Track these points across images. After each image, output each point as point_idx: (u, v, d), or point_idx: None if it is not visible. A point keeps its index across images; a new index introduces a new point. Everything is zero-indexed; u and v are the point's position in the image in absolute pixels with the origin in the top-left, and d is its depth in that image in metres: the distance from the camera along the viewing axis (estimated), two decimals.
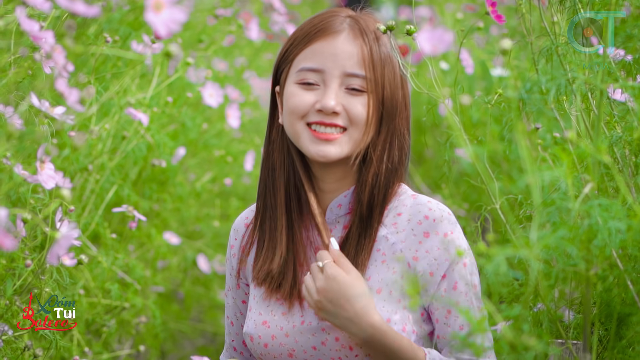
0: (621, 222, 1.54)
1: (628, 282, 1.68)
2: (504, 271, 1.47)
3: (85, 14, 1.50)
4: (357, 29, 1.93)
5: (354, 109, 1.91)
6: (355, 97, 1.91)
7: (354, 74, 1.91)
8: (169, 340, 4.13)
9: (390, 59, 1.93)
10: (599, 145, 1.52)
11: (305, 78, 1.93)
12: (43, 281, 2.10)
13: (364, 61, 1.91)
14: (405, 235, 1.92)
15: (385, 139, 1.95)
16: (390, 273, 1.91)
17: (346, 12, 1.98)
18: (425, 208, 1.92)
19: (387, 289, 1.91)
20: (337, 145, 1.91)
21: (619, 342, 1.72)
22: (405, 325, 1.89)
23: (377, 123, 1.93)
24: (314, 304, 1.86)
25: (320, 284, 1.85)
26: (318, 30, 1.95)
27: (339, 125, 1.91)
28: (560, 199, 1.59)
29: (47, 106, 1.82)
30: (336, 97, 1.90)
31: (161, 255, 3.40)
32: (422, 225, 1.91)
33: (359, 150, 1.93)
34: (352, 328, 1.84)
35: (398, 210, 1.95)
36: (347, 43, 1.92)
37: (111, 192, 3.01)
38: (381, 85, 1.91)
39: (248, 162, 3.68)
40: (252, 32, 3.58)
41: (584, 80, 1.63)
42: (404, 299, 1.90)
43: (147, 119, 2.84)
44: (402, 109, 1.97)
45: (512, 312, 1.56)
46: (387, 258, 1.92)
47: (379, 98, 1.92)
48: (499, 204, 1.86)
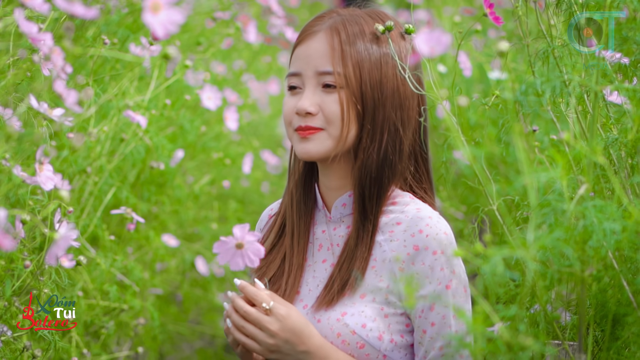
0: (616, 223, 1.55)
1: (623, 282, 1.69)
2: (501, 272, 1.48)
3: (84, 16, 1.51)
4: (333, 27, 1.93)
5: (327, 107, 1.91)
6: (330, 95, 1.91)
7: (325, 71, 1.91)
8: (168, 342, 4.13)
9: (371, 51, 1.92)
10: (594, 146, 1.53)
11: (290, 83, 1.96)
12: (42, 282, 2.11)
13: (333, 57, 1.91)
14: (397, 245, 1.91)
15: (369, 134, 1.92)
16: (377, 280, 1.91)
17: (335, 12, 1.98)
18: (423, 223, 1.90)
19: (372, 295, 1.90)
20: (317, 142, 1.92)
21: (614, 343, 1.73)
22: (382, 333, 1.88)
23: (357, 118, 1.92)
24: (267, 348, 1.86)
25: (274, 326, 1.85)
26: (300, 34, 1.98)
27: (314, 127, 1.92)
28: (556, 200, 1.59)
29: (45, 108, 1.83)
30: (310, 97, 1.92)
31: (159, 257, 3.41)
32: (414, 238, 1.89)
33: (343, 147, 1.93)
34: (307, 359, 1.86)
35: (398, 220, 1.93)
36: (320, 42, 1.93)
37: (109, 194, 3.02)
38: (356, 79, 1.90)
39: (246, 165, 3.69)
40: (250, 35, 3.59)
41: (579, 82, 1.64)
42: (387, 307, 1.89)
43: (145, 121, 2.85)
44: (394, 103, 1.93)
45: (509, 312, 1.57)
46: (377, 265, 1.92)
47: (355, 92, 1.90)
48: (496, 205, 1.87)
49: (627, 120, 1.73)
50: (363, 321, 1.88)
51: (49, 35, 1.70)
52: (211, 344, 4.50)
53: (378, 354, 1.88)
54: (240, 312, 1.87)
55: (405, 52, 1.94)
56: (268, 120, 5.36)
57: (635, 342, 1.64)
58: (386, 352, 1.88)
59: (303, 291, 1.99)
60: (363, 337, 1.87)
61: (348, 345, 1.88)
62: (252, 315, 1.86)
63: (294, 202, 2.04)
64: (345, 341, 1.88)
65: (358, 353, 1.87)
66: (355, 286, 1.91)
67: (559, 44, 1.89)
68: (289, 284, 1.99)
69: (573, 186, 1.77)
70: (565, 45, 1.88)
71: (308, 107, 1.91)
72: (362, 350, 1.87)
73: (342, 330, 1.88)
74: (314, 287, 1.97)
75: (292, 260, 2.01)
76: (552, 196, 1.61)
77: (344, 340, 1.88)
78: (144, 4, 1.44)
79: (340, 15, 1.96)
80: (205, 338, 4.51)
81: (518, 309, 1.58)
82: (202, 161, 3.94)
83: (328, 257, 1.99)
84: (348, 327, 1.88)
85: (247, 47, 4.43)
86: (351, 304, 1.90)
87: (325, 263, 1.99)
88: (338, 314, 1.90)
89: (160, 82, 3.14)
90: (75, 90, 1.65)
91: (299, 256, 2.01)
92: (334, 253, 1.98)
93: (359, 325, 1.88)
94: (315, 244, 2.02)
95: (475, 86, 3.81)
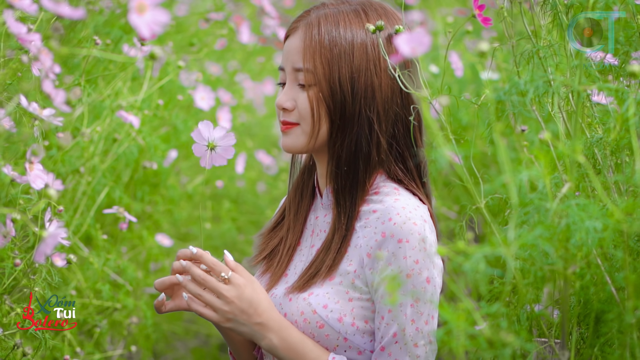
0: (598, 222, 1.57)
1: (607, 279, 1.71)
2: (483, 269, 1.50)
3: (71, 17, 1.53)
4: (310, 23, 1.95)
5: (301, 104, 1.95)
6: (304, 91, 1.95)
7: (298, 67, 1.95)
8: (162, 341, 4.15)
9: (343, 46, 1.94)
10: (576, 146, 1.55)
11: (280, 77, 2.01)
12: (33, 280, 2.13)
13: (304, 54, 1.93)
14: (369, 231, 1.93)
15: (339, 129, 1.95)
16: (347, 264, 1.93)
17: (322, 6, 1.99)
18: (395, 212, 1.91)
19: (339, 278, 1.93)
20: (293, 137, 1.97)
21: (597, 340, 1.75)
22: (343, 316, 1.90)
23: (327, 114, 1.95)
24: (223, 315, 1.88)
25: (232, 293, 1.87)
26: (287, 30, 2.02)
27: (290, 123, 1.97)
28: (539, 198, 1.61)
29: (35, 107, 1.85)
30: (288, 93, 1.96)
31: (153, 257, 3.43)
32: (384, 225, 1.90)
33: (316, 142, 1.97)
34: (262, 332, 1.89)
35: (375, 208, 1.95)
36: (296, 39, 1.96)
37: (103, 194, 3.04)
38: (325, 76, 1.93)
39: (239, 165, 3.71)
40: (243, 35, 3.61)
41: (562, 82, 1.65)
42: (353, 291, 1.92)
43: (138, 121, 2.87)
44: (367, 97, 1.95)
45: (490, 309, 1.58)
46: (349, 250, 1.95)
47: (324, 89, 1.93)
48: (483, 203, 1.88)
49: (611, 120, 1.74)
50: (325, 302, 1.91)
51: (37, 35, 1.72)
52: (206, 343, 4.52)
53: (338, 335, 1.91)
54: (198, 279, 1.87)
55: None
56: (263, 121, 5.38)
57: (617, 338, 1.66)
58: (347, 335, 1.91)
59: (290, 272, 2.03)
60: (323, 317, 1.90)
61: (309, 324, 1.91)
62: (210, 282, 1.87)
63: (298, 186, 2.10)
64: (306, 320, 1.91)
65: (318, 333, 1.91)
66: (327, 274, 1.94)
67: (544, 44, 1.91)
68: (279, 264, 2.04)
69: (558, 185, 1.79)
70: (550, 45, 1.90)
71: (284, 103, 1.96)
72: (321, 330, 1.90)
73: (305, 308, 1.91)
74: (299, 269, 2.01)
75: (286, 242, 2.07)
76: (535, 194, 1.63)
77: (306, 319, 1.91)
78: (130, 5, 1.46)
79: (325, 9, 1.97)
80: (200, 337, 4.52)
81: (500, 306, 1.60)
82: (196, 161, 3.95)
83: (316, 242, 2.03)
84: (310, 306, 1.91)
85: (242, 48, 4.45)
86: (319, 286, 1.93)
87: (313, 248, 2.02)
88: (306, 293, 1.93)
89: (154, 83, 3.16)
90: (64, 90, 1.67)
91: (293, 239, 2.06)
92: (321, 239, 2.02)
93: (320, 306, 1.91)
94: (309, 229, 2.06)
95: (468, 86, 3.83)
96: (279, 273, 2.03)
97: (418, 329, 1.88)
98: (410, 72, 1.97)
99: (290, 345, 1.91)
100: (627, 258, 1.64)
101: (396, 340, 1.89)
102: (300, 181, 2.11)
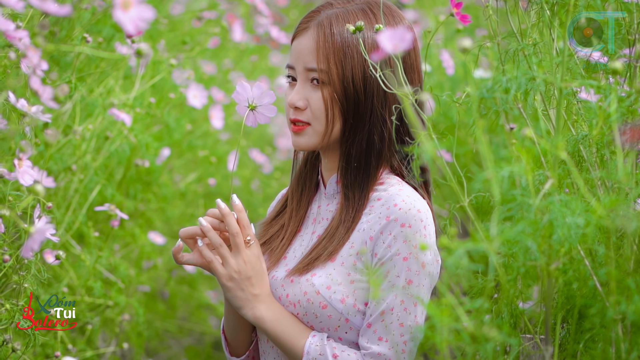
0: (580, 218, 1.58)
1: (592, 275, 1.72)
2: (465, 265, 1.51)
3: (57, 14, 1.54)
4: (321, 23, 1.99)
5: (314, 104, 1.99)
6: (317, 91, 1.99)
7: (311, 67, 1.99)
8: (155, 339, 4.15)
9: (356, 47, 1.98)
10: (557, 142, 1.56)
11: (289, 74, 2.05)
12: (21, 276, 2.13)
13: (318, 54, 1.98)
14: (373, 217, 1.97)
15: (352, 127, 2.00)
16: (349, 247, 1.98)
17: (329, 5, 2.04)
18: (399, 198, 1.96)
19: (341, 259, 1.97)
20: (306, 137, 2.02)
21: (581, 335, 1.76)
22: (345, 297, 1.95)
23: (341, 113, 1.99)
24: (229, 274, 1.97)
25: (248, 259, 1.97)
26: (296, 28, 2.06)
27: (301, 121, 2.01)
28: (521, 195, 1.62)
29: (23, 104, 1.86)
30: (300, 92, 2.00)
31: (146, 254, 3.44)
32: (389, 210, 1.95)
33: (329, 140, 2.01)
34: (254, 302, 1.98)
35: (380, 196, 2.00)
36: (308, 39, 2.00)
37: (95, 192, 3.05)
38: (339, 76, 1.98)
39: (230, 163, 3.72)
40: (236, 33, 3.62)
41: (544, 79, 1.66)
42: (354, 273, 1.96)
43: (130, 119, 2.88)
44: (380, 95, 2.00)
45: (473, 305, 1.59)
46: (353, 234, 1.99)
47: (338, 89, 1.98)
48: (467, 202, 1.89)
49: (594, 117, 1.75)
50: (329, 283, 1.96)
51: (25, 32, 1.73)
52: (200, 341, 4.52)
53: (340, 316, 1.95)
54: (232, 230, 1.96)
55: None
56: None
57: (598, 333, 1.67)
58: (348, 316, 1.95)
59: (289, 256, 2.08)
60: (326, 298, 1.95)
61: (312, 305, 1.96)
62: (237, 238, 1.97)
63: (300, 178, 2.15)
64: (310, 300, 1.96)
65: (321, 313, 1.96)
66: (328, 257, 1.99)
67: (529, 42, 1.92)
68: (279, 247, 2.10)
69: (542, 182, 1.80)
70: (535, 44, 1.91)
71: (297, 102, 2.00)
72: (324, 311, 1.95)
73: (308, 289, 1.97)
74: (299, 254, 2.07)
75: (288, 228, 2.13)
76: (518, 191, 1.64)
77: (309, 299, 1.97)
78: (115, 1, 1.47)
79: (333, 8, 2.02)
80: (194, 335, 4.53)
81: (484, 302, 1.61)
82: (190, 159, 3.96)
83: (317, 229, 2.09)
84: (314, 287, 1.96)
85: (236, 47, 4.45)
86: (321, 267, 1.98)
87: (314, 234, 2.08)
88: (309, 274, 1.99)
89: (146, 81, 3.17)
90: (50, 87, 1.68)
91: (295, 225, 2.12)
92: (323, 226, 2.07)
93: (324, 287, 1.96)
94: (311, 218, 2.12)
95: (460, 84, 3.84)
96: (279, 256, 2.08)
97: (406, 310, 1.92)
98: (394, 71, 2.00)
99: (278, 318, 1.97)
100: (610, 254, 1.65)
101: (383, 319, 1.93)
102: (302, 172, 2.15)
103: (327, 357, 1.94)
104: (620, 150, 1.63)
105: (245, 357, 2.14)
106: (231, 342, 2.14)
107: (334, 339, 1.97)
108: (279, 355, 2.05)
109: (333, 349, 1.95)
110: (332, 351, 1.95)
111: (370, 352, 1.93)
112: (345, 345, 1.96)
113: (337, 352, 1.95)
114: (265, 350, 2.09)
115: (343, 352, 1.94)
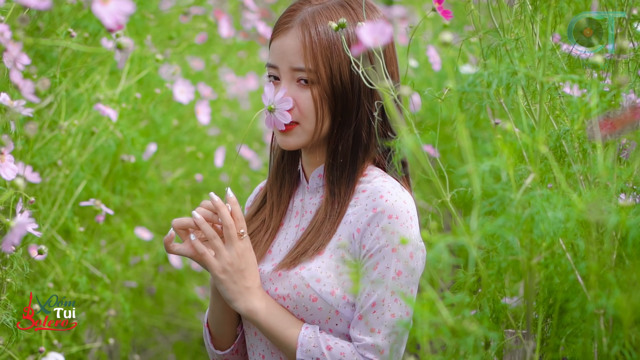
0: (560, 212, 1.58)
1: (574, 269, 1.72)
2: (445, 259, 1.51)
3: (37, 7, 1.54)
4: (304, 22, 1.99)
5: (302, 103, 1.99)
6: (304, 91, 1.99)
7: (297, 67, 1.98)
8: (143, 335, 4.15)
9: (339, 42, 1.98)
10: (537, 137, 1.56)
11: (270, 73, 2.04)
12: (5, 271, 2.13)
13: (304, 54, 1.97)
14: (359, 209, 1.98)
15: (340, 125, 2.01)
16: (336, 239, 1.99)
17: (307, 2, 2.03)
18: (385, 190, 1.97)
19: (329, 252, 1.98)
20: (295, 136, 2.02)
21: (562, 330, 1.76)
22: (335, 289, 1.96)
23: (330, 110, 2.00)
24: (222, 267, 1.97)
25: (239, 250, 1.97)
26: (275, 28, 2.05)
27: (291, 121, 1.99)
28: (503, 189, 1.62)
29: (4, 98, 1.85)
30: (286, 92, 1.99)
31: (132, 250, 3.44)
32: (375, 202, 1.96)
33: (319, 137, 2.02)
34: (246, 295, 1.97)
35: (365, 188, 2.00)
36: (292, 39, 1.99)
37: (80, 187, 3.04)
38: (327, 74, 1.97)
39: (218, 159, 3.72)
40: (223, 29, 3.62)
41: (525, 74, 1.66)
42: (342, 265, 1.97)
43: (115, 114, 2.87)
44: (367, 91, 2.00)
45: (454, 299, 1.59)
46: (339, 227, 2.00)
47: (326, 88, 1.98)
48: (449, 197, 1.89)
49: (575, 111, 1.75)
50: (318, 276, 1.97)
51: (6, 26, 1.72)
52: (187, 337, 4.52)
53: (330, 308, 1.96)
54: (225, 222, 1.96)
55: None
56: (247, 115, 5.38)
57: (580, 327, 1.67)
58: (338, 308, 1.96)
59: (274, 250, 2.08)
60: (316, 290, 1.96)
61: (302, 297, 1.97)
62: (231, 230, 1.97)
63: (279, 171, 2.14)
64: (300, 293, 1.97)
65: (311, 305, 1.96)
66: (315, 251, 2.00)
67: (512, 37, 1.92)
68: (263, 241, 2.10)
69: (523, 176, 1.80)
70: (517, 39, 1.91)
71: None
72: (314, 304, 1.96)
73: (298, 282, 1.97)
74: (284, 247, 2.07)
75: (270, 223, 2.12)
76: (500, 185, 1.64)
77: (299, 292, 1.97)
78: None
79: (312, 5, 2.01)
80: (182, 331, 4.53)
81: (464, 296, 1.61)
82: (177, 155, 3.96)
83: (300, 222, 2.09)
84: (304, 280, 1.97)
85: (225, 43, 4.45)
86: (309, 260, 1.99)
87: (297, 228, 2.08)
88: (297, 268, 1.99)
89: (133, 76, 3.16)
90: (31, 81, 1.67)
91: (277, 220, 2.12)
92: (307, 220, 2.07)
93: (314, 280, 1.96)
94: (293, 211, 2.12)
95: (447, 80, 3.84)
96: (263, 250, 2.08)
97: (397, 300, 1.93)
98: (375, 67, 2.00)
99: (270, 310, 1.97)
100: (590, 248, 1.66)
101: (374, 310, 1.94)
102: (280, 165, 2.15)
103: (321, 349, 1.95)
104: (600, 145, 1.63)
105: (230, 350, 2.14)
106: (216, 336, 2.14)
107: (325, 331, 1.98)
108: (267, 348, 2.05)
109: (326, 341, 1.95)
110: (325, 343, 1.95)
111: (363, 344, 1.94)
112: (337, 337, 1.97)
113: (331, 343, 1.95)
114: (253, 343, 2.08)
115: (337, 344, 1.95)
